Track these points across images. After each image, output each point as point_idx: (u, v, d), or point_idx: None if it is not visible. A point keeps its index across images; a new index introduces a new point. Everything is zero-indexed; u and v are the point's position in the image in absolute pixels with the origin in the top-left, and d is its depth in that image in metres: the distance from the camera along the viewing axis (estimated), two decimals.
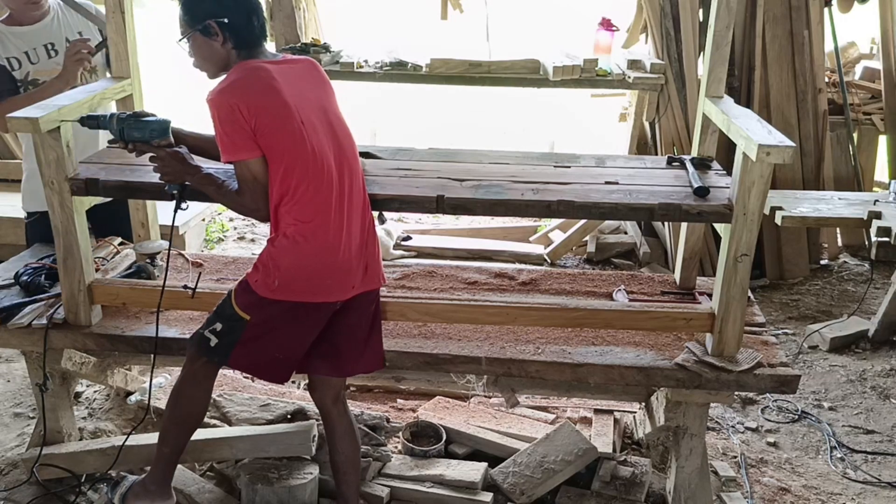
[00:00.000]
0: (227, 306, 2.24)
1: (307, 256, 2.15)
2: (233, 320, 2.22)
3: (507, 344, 2.53)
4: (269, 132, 2.06)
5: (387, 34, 7.33)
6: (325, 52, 4.88)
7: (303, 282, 2.17)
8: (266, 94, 2.07)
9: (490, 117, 8.52)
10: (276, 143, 2.08)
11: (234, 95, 2.05)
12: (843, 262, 4.98)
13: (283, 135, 2.08)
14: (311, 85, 2.24)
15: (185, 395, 2.31)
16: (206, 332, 2.23)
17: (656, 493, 2.76)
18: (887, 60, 5.06)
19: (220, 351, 2.23)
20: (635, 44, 5.05)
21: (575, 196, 2.34)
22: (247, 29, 2.14)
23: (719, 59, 2.56)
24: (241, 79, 2.09)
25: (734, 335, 2.38)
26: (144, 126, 2.23)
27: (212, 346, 2.22)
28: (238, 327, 2.21)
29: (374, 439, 2.76)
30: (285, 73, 2.15)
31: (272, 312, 2.20)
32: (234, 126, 2.04)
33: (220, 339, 2.22)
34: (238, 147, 2.07)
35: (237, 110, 2.03)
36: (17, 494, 2.61)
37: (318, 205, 2.13)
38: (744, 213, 2.23)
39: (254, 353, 2.24)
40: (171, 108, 8.05)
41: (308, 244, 2.14)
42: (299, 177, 2.10)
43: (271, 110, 2.06)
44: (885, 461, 3.16)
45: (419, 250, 4.87)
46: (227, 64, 2.16)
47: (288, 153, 2.09)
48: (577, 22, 6.67)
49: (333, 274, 2.19)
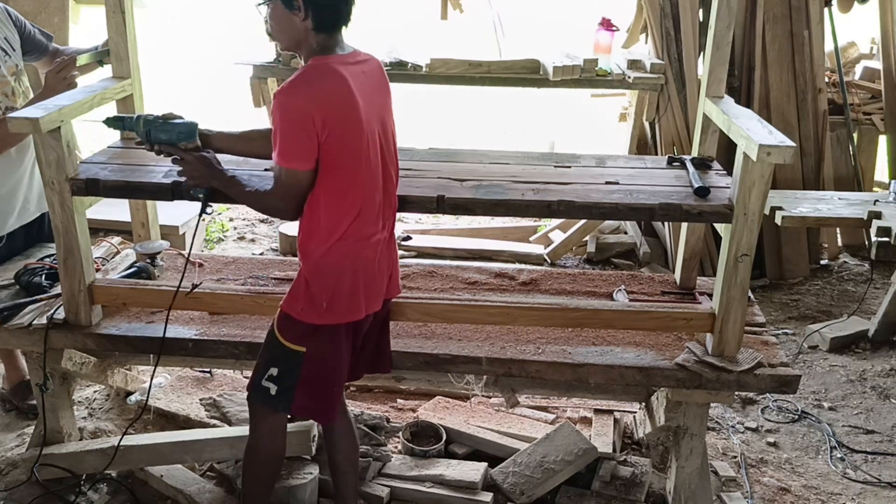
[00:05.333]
0: (275, 347, 2.12)
1: (352, 273, 2.08)
2: (288, 358, 2.11)
3: (507, 344, 2.53)
4: (337, 148, 1.97)
5: (387, 34, 7.33)
6: None
7: (347, 299, 2.09)
8: (344, 110, 1.96)
9: (490, 117, 8.51)
10: (340, 160, 1.99)
11: (312, 104, 1.92)
12: (843, 262, 4.98)
13: (350, 152, 2.00)
14: (377, 91, 2.14)
15: (263, 452, 2.23)
16: (264, 382, 2.12)
17: (656, 493, 2.76)
18: (887, 60, 5.07)
19: (283, 397, 2.12)
20: (635, 44, 5.05)
21: (575, 196, 2.34)
22: (333, 11, 2.01)
23: (719, 59, 2.56)
24: (320, 86, 1.96)
25: (734, 335, 2.38)
26: (171, 129, 2.17)
27: (273, 394, 2.12)
28: (295, 363, 2.10)
29: (374, 439, 2.76)
30: (358, 78, 2.03)
31: (324, 338, 2.10)
32: (301, 134, 1.93)
33: (279, 384, 2.11)
34: (296, 155, 1.96)
35: (311, 119, 1.92)
36: (17, 494, 2.61)
37: (367, 221, 2.07)
38: (744, 214, 2.23)
39: (315, 389, 2.13)
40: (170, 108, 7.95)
41: (354, 260, 2.07)
42: (354, 194, 2.03)
43: (346, 127, 1.97)
44: (885, 461, 3.16)
45: (419, 250, 4.87)
46: (302, 42, 2.02)
47: (349, 170, 2.01)
48: (577, 22, 6.67)
49: (371, 286, 2.14)
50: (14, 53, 2.85)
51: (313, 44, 2.02)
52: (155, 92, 4.86)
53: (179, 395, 3.13)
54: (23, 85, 2.90)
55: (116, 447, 2.57)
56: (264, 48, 5.40)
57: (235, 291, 2.63)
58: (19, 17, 2.92)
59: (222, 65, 6.67)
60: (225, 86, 7.87)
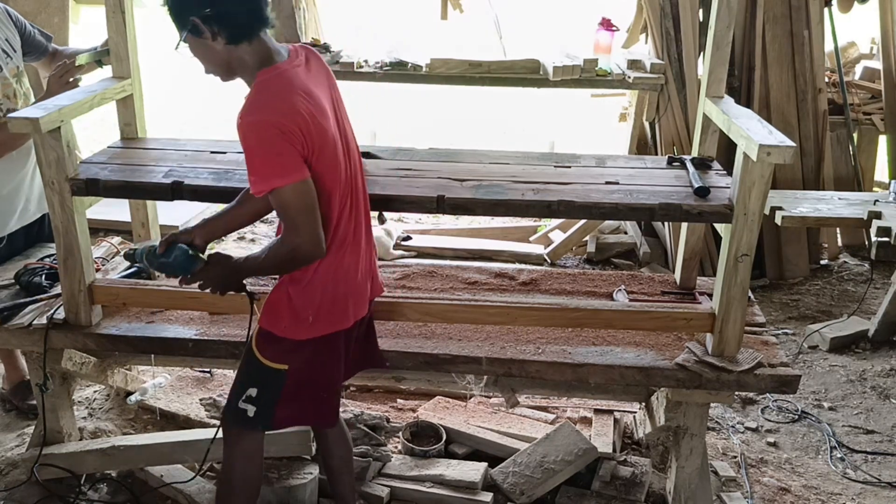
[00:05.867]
0: (254, 366, 2.04)
1: (336, 282, 2.00)
2: (268, 377, 2.03)
3: (507, 344, 2.53)
4: (315, 158, 1.87)
5: (387, 34, 7.33)
6: (325, 52, 4.88)
7: (334, 309, 2.02)
8: (312, 116, 1.86)
9: (490, 117, 8.52)
10: (320, 169, 1.89)
11: (283, 116, 1.81)
12: (843, 262, 4.98)
13: (326, 159, 1.90)
14: (326, 88, 2.04)
15: (238, 475, 2.15)
16: (241, 404, 2.04)
17: (656, 493, 2.76)
18: (887, 60, 5.07)
19: (262, 416, 2.04)
20: (635, 44, 5.05)
21: (575, 196, 2.34)
22: (238, 17, 1.85)
23: (719, 59, 2.56)
24: (284, 97, 1.85)
25: (734, 335, 2.38)
26: (171, 266, 2.06)
27: (251, 416, 2.04)
28: (277, 382, 2.02)
29: (374, 439, 2.75)
30: (310, 81, 1.94)
31: (310, 352, 2.03)
32: (284, 146, 1.80)
33: (258, 404, 2.03)
34: (289, 168, 1.81)
35: (288, 131, 1.80)
36: (17, 494, 2.61)
37: (346, 225, 2.00)
38: (744, 214, 2.22)
39: (298, 403, 2.06)
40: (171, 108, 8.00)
41: (337, 268, 2.00)
42: (337, 198, 1.95)
43: (318, 134, 1.87)
44: (885, 461, 3.16)
45: (419, 250, 4.87)
46: (233, 63, 1.91)
47: (329, 178, 1.92)
48: (577, 22, 6.67)
49: (357, 292, 2.08)
50: (15, 55, 2.85)
51: (246, 59, 1.90)
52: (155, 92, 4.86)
53: (179, 395, 3.13)
54: (24, 86, 2.90)
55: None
56: None
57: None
58: (19, 17, 2.91)
59: None
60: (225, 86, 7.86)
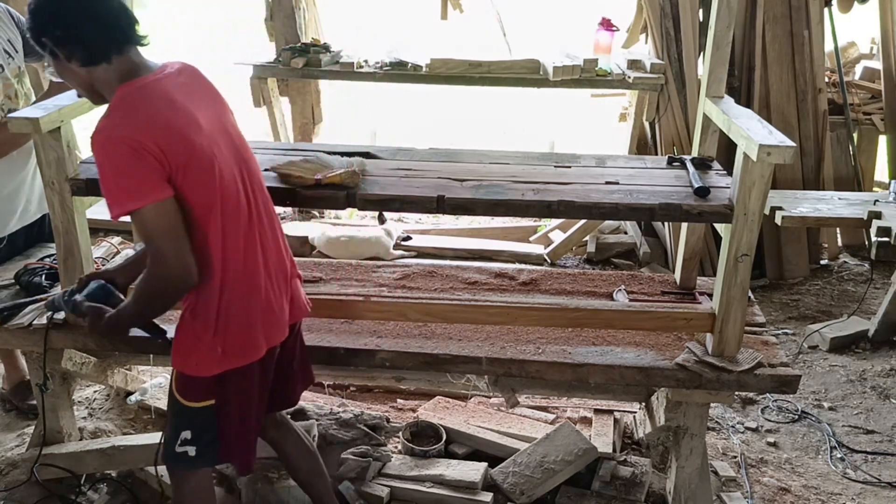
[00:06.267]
0: (180, 410, 1.96)
1: (242, 311, 1.87)
2: (197, 418, 1.95)
3: (507, 344, 2.53)
4: (184, 167, 1.73)
5: (387, 34, 7.33)
6: (325, 52, 4.88)
7: (243, 339, 1.89)
8: (177, 127, 1.73)
9: (490, 117, 8.52)
10: (192, 180, 1.75)
11: (139, 131, 1.68)
12: (843, 262, 4.98)
13: (198, 168, 1.76)
14: (206, 98, 1.92)
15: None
16: (178, 449, 1.96)
17: (656, 493, 2.76)
18: (887, 60, 5.07)
19: (206, 454, 1.98)
20: (635, 44, 5.06)
21: (575, 196, 2.34)
22: (90, 39, 1.72)
23: (719, 59, 2.56)
24: (135, 107, 1.72)
25: (734, 335, 2.38)
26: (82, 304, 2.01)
27: (193, 455, 1.97)
28: (208, 419, 1.95)
29: (374, 439, 2.75)
30: (180, 90, 1.81)
31: (230, 384, 1.93)
32: (138, 166, 1.67)
33: (197, 444, 1.96)
34: (145, 189, 1.68)
35: (144, 147, 1.67)
36: (17, 494, 2.61)
37: (238, 242, 1.85)
38: (744, 214, 2.22)
39: (234, 436, 1.99)
40: None
41: (241, 297, 1.87)
42: (218, 218, 1.80)
43: (182, 139, 1.73)
44: (885, 461, 3.16)
45: (419, 250, 4.86)
46: (95, 84, 1.79)
47: (203, 190, 1.77)
48: (577, 22, 6.67)
49: (267, 319, 1.94)
50: (17, 55, 2.85)
51: (108, 78, 1.79)
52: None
53: None
54: (25, 87, 2.91)
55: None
56: (264, 48, 5.42)
57: None
58: (21, 18, 2.91)
59: (222, 65, 6.67)
60: (225, 86, 7.87)
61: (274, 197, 2.37)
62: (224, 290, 1.85)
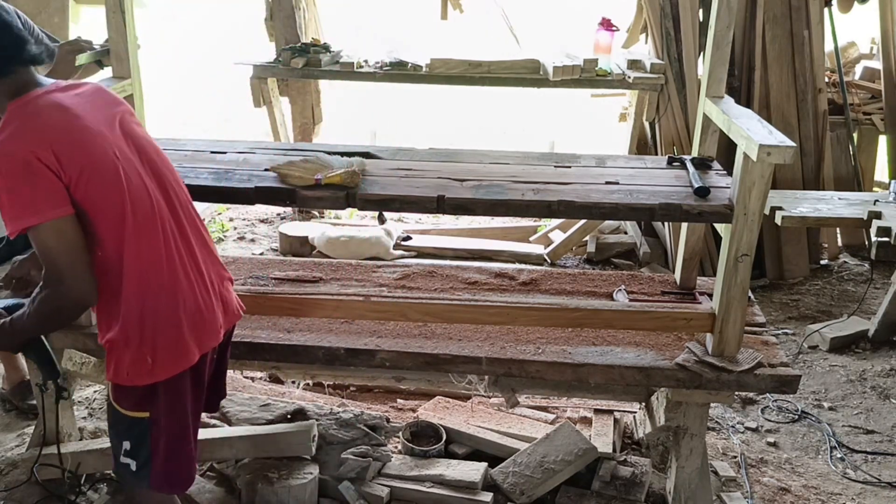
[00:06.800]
0: (118, 419, 1.90)
1: (167, 312, 1.82)
2: (134, 428, 1.89)
3: (507, 344, 2.53)
4: (85, 174, 1.68)
5: (387, 34, 7.33)
6: (325, 52, 4.89)
7: (171, 346, 1.83)
8: (71, 132, 1.69)
9: (490, 117, 8.52)
10: (96, 187, 1.70)
11: (32, 144, 1.64)
12: (843, 262, 4.98)
13: (100, 173, 1.72)
14: (105, 104, 1.87)
15: None
16: (122, 459, 1.91)
17: (656, 493, 2.76)
18: (887, 60, 5.07)
19: (143, 470, 1.91)
20: (635, 44, 5.06)
21: (575, 196, 2.34)
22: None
23: (719, 59, 2.56)
24: (30, 120, 1.67)
25: (734, 335, 2.38)
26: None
27: (134, 470, 1.91)
28: (142, 432, 1.88)
29: (374, 439, 2.75)
30: (75, 100, 1.77)
31: (164, 395, 1.87)
32: (34, 180, 1.62)
33: (136, 459, 1.90)
34: (42, 205, 1.63)
35: (36, 160, 1.62)
36: (17, 494, 2.61)
37: (157, 247, 1.81)
38: (744, 214, 2.23)
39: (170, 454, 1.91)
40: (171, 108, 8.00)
41: (162, 298, 1.81)
42: (131, 221, 1.76)
43: (78, 144, 1.69)
44: (885, 461, 3.16)
45: (419, 250, 4.86)
46: None
47: (111, 195, 1.73)
48: (577, 22, 6.68)
49: (197, 323, 1.87)
50: None
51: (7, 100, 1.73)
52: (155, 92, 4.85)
53: None
54: None
55: None
56: (264, 48, 5.42)
57: (235, 291, 2.64)
58: (28, 20, 2.94)
59: (222, 64, 6.68)
60: (225, 86, 7.87)
61: (274, 197, 2.39)
62: (146, 297, 1.80)
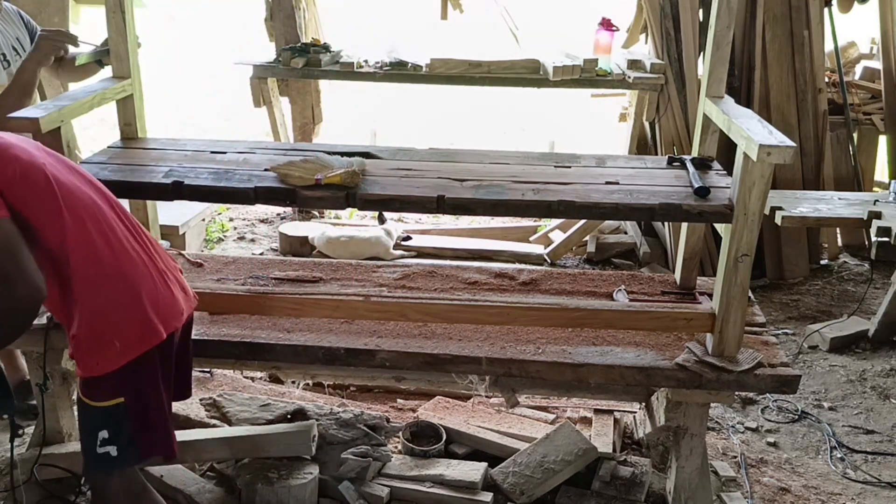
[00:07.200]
0: (92, 412, 1.96)
1: (129, 297, 1.92)
2: (111, 416, 1.95)
3: (507, 344, 2.52)
4: (17, 179, 1.78)
5: (387, 34, 7.33)
6: (325, 52, 4.89)
7: (138, 326, 1.92)
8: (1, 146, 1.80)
9: (490, 117, 8.52)
10: (29, 192, 1.81)
11: None
12: (843, 262, 4.98)
13: (31, 178, 1.81)
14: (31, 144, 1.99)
15: None
16: (100, 450, 1.95)
17: (656, 493, 2.76)
18: (887, 60, 5.07)
19: (126, 451, 1.96)
20: (635, 44, 5.06)
21: (575, 196, 2.34)
22: None
23: (719, 59, 2.56)
24: None
25: (734, 335, 2.38)
26: None
27: (116, 455, 1.95)
28: (121, 416, 1.95)
29: (374, 439, 2.75)
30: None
31: (134, 375, 1.94)
32: None
33: (117, 442, 1.95)
34: None
35: None
36: (17, 494, 2.61)
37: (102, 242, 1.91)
38: (744, 214, 2.23)
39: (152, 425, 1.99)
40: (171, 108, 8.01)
41: (120, 285, 1.91)
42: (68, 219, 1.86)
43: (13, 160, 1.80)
44: (885, 461, 3.16)
45: (419, 250, 4.87)
46: None
47: (44, 197, 1.83)
48: (577, 22, 6.68)
49: (160, 302, 1.98)
50: (24, 54, 2.87)
51: None
52: (155, 92, 4.86)
53: None
54: None
55: None
56: (264, 48, 5.42)
57: (235, 291, 2.64)
58: (30, 20, 2.97)
59: (222, 64, 6.68)
60: (225, 86, 7.87)
61: (274, 197, 2.39)
62: (101, 287, 1.90)
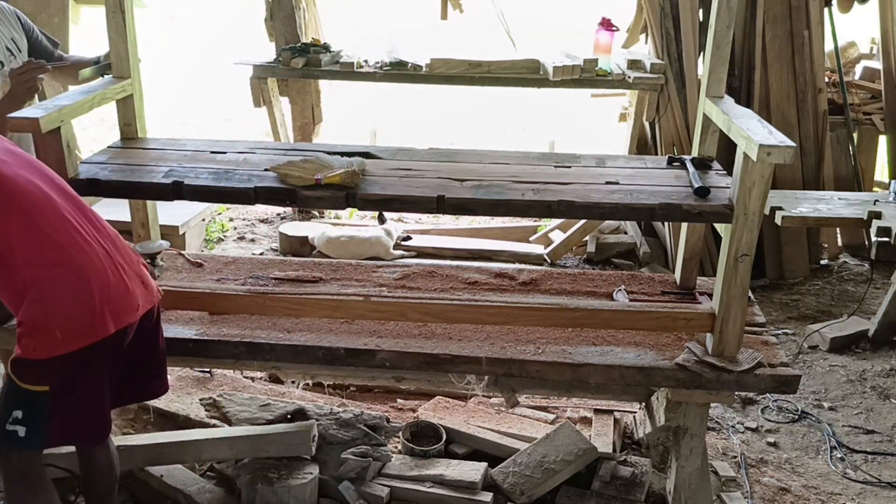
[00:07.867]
0: (15, 390, 1.97)
1: (76, 289, 1.93)
2: (31, 400, 1.96)
3: (507, 344, 2.52)
4: None
5: (387, 34, 7.33)
6: (325, 52, 4.89)
7: (85, 319, 1.94)
8: None
9: (490, 117, 8.52)
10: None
11: None
12: (843, 262, 4.98)
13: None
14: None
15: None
16: (9, 426, 1.96)
17: (656, 493, 2.76)
18: (887, 60, 5.07)
19: (35, 435, 1.98)
20: (635, 44, 5.06)
21: (575, 196, 2.34)
22: None
23: (719, 59, 2.56)
24: None
25: (734, 335, 2.38)
26: None
27: (22, 436, 1.97)
28: (41, 403, 1.96)
29: (374, 439, 2.76)
30: None
31: (69, 368, 1.96)
32: None
33: (27, 424, 1.97)
34: None
35: None
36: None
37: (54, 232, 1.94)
38: (744, 214, 2.22)
39: (71, 418, 2.01)
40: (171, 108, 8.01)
41: (69, 277, 1.93)
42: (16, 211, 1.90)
43: None
44: (885, 461, 3.16)
45: (419, 250, 4.87)
46: None
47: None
48: (577, 22, 6.68)
49: (113, 298, 1.98)
50: (20, 55, 2.85)
51: None
52: (155, 92, 4.86)
53: (179, 395, 3.12)
54: None
55: None
56: (264, 48, 5.42)
57: (235, 291, 2.64)
58: (29, 21, 2.94)
59: (222, 64, 6.68)
60: (225, 86, 7.87)
61: (274, 197, 2.39)
62: (49, 277, 1.92)
